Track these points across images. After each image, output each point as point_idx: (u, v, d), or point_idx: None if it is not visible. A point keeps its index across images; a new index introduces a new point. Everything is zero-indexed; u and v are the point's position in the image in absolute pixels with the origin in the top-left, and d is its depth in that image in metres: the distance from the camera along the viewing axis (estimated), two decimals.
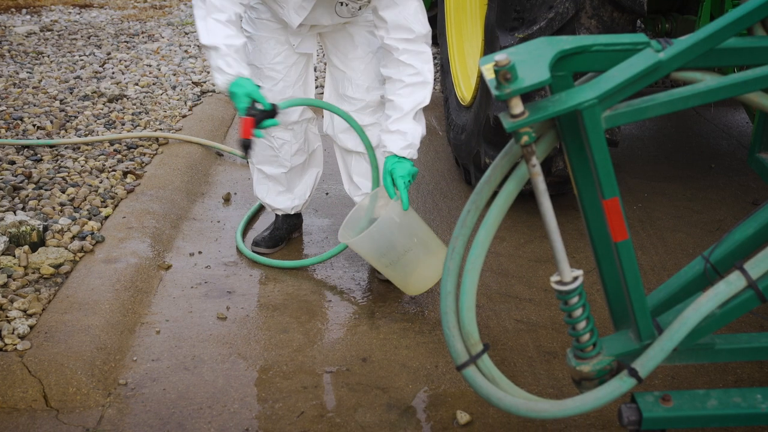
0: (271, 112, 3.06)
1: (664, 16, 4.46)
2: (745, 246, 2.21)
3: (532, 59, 1.97)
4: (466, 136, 4.31)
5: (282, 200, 3.77)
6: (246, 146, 3.06)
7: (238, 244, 3.81)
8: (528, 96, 1.95)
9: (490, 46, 3.90)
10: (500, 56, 1.89)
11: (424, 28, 3.18)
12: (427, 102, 3.25)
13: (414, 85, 3.21)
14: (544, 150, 2.11)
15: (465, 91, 4.63)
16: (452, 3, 5.05)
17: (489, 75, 1.97)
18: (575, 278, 2.05)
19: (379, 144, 3.32)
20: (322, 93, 3.72)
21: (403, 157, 3.18)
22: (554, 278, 2.07)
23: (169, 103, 5.74)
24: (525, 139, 1.96)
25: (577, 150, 2.07)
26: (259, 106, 3.03)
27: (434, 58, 6.81)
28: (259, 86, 3.07)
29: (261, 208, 4.17)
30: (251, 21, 3.45)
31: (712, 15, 3.85)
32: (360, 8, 3.19)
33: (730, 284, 2.01)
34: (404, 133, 3.19)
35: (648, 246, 3.79)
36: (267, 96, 3.17)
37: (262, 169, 3.71)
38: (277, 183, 3.73)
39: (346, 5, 3.17)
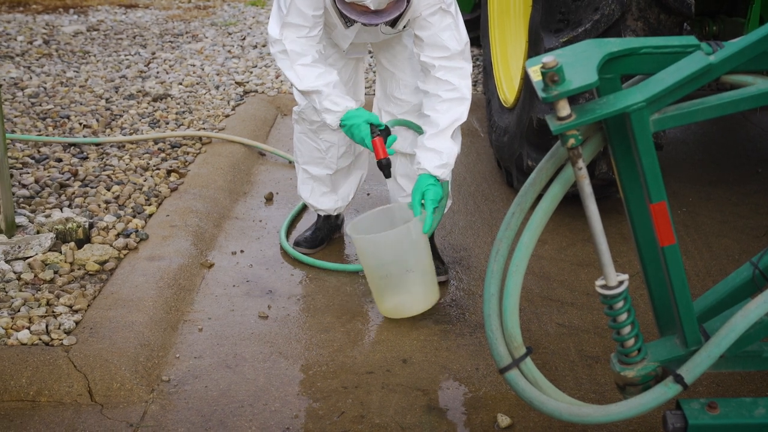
0: (387, 129, 3.18)
1: (712, 18, 4.40)
2: None
3: (580, 61, 1.96)
4: (508, 138, 4.29)
5: (326, 201, 3.78)
6: (387, 166, 3.17)
7: (282, 243, 3.83)
8: (572, 99, 1.93)
9: (534, 47, 3.88)
10: (548, 58, 1.88)
11: (460, 44, 3.16)
12: (464, 119, 3.23)
13: (451, 101, 3.19)
14: (591, 153, 2.09)
15: (508, 92, 4.61)
16: (495, 4, 5.03)
17: (536, 77, 1.96)
18: (621, 282, 2.03)
19: (414, 160, 3.31)
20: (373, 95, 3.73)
21: (436, 177, 3.16)
22: (599, 282, 2.06)
23: (212, 103, 5.79)
24: (572, 141, 1.95)
25: (624, 153, 2.05)
26: (376, 127, 3.13)
27: (477, 59, 6.81)
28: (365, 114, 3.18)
29: (303, 208, 4.18)
30: None
31: (761, 18, 3.79)
32: (404, 27, 3.20)
33: None
34: (440, 152, 3.17)
35: (693, 251, 3.74)
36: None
37: (308, 169, 3.72)
38: (322, 184, 3.74)
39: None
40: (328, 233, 3.89)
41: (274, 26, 3.20)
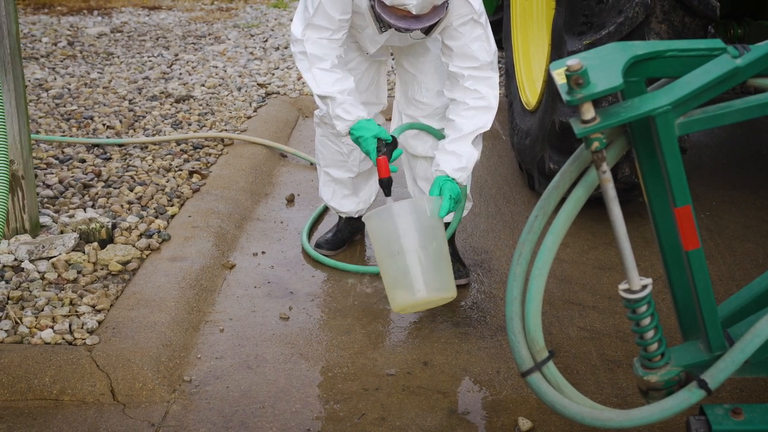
0: (394, 142, 3.15)
1: (737, 21, 4.37)
2: None
3: (605, 64, 1.95)
4: (530, 140, 4.28)
5: (347, 203, 3.78)
6: (388, 185, 3.15)
7: (304, 244, 3.83)
8: (596, 102, 1.92)
9: (557, 50, 3.87)
10: (572, 61, 1.87)
11: (489, 55, 3.15)
12: (488, 127, 3.22)
13: (477, 108, 3.18)
14: (615, 156, 2.08)
15: (530, 95, 4.60)
16: (518, 7, 5.01)
17: (560, 80, 1.95)
18: (644, 287, 2.02)
19: (432, 163, 3.29)
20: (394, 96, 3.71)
21: (454, 180, 3.14)
22: (623, 286, 2.04)
23: (234, 105, 5.81)
24: (596, 144, 1.94)
25: (649, 157, 2.03)
26: (383, 143, 3.12)
27: (499, 62, 6.80)
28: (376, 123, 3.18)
29: (325, 210, 4.18)
30: None
31: None
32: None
33: None
34: (459, 156, 3.16)
35: (716, 255, 3.72)
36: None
37: (329, 172, 3.72)
38: (344, 186, 3.74)
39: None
40: (349, 235, 3.89)
41: (297, 25, 3.19)
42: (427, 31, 3.05)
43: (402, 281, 3.02)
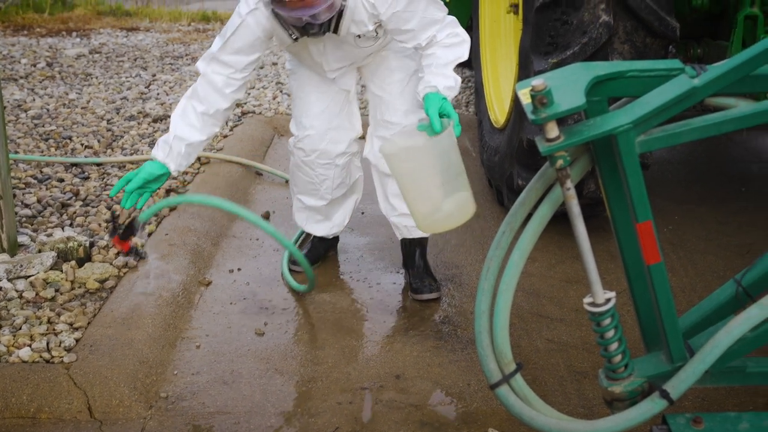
0: (131, 225, 3.08)
1: (697, 42, 4.42)
2: None
3: (568, 84, 1.96)
4: (499, 158, 4.30)
5: (321, 228, 3.77)
6: (136, 254, 3.17)
7: (284, 269, 3.77)
8: (561, 120, 1.93)
9: (524, 70, 3.89)
10: (537, 81, 1.88)
11: (444, 9, 3.16)
12: (465, 57, 3.21)
13: (453, 44, 3.18)
14: (579, 173, 2.09)
15: (498, 113, 4.62)
16: (486, 27, 5.05)
17: (525, 99, 1.96)
18: (608, 300, 2.03)
19: (419, 85, 3.18)
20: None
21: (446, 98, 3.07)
22: (587, 300, 2.05)
23: None
24: (560, 162, 1.95)
25: (611, 174, 2.05)
26: (118, 219, 3.11)
27: (468, 80, 6.82)
28: (162, 177, 3.14)
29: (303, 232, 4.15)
30: (292, 57, 3.50)
31: (744, 41, 3.80)
32: (377, 35, 3.18)
33: (763, 308, 1.97)
34: (448, 77, 3.12)
35: (678, 268, 3.74)
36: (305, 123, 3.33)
37: (302, 199, 3.71)
38: (317, 212, 3.73)
39: (363, 36, 3.16)
40: (323, 251, 3.88)
41: (206, 54, 3.21)
42: (335, 28, 3.04)
43: (449, 202, 2.93)
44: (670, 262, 3.78)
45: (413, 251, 3.65)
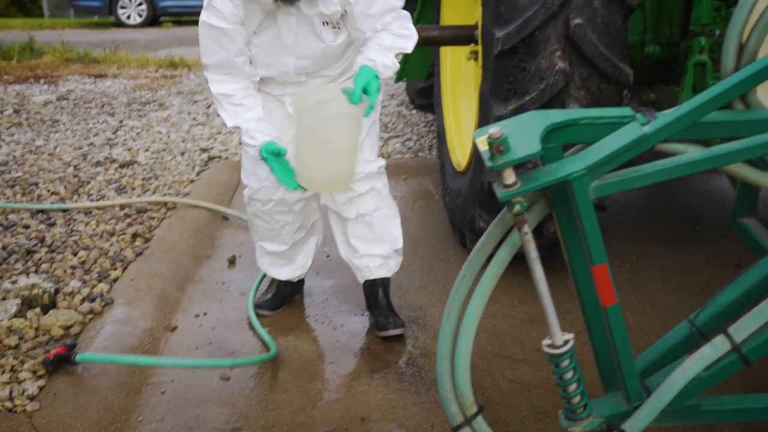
0: (69, 353, 3.06)
1: (650, 87, 4.50)
2: (730, 309, 2.21)
3: (524, 132, 1.99)
4: (461, 200, 4.32)
5: (285, 272, 3.77)
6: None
7: (250, 311, 3.75)
8: (519, 165, 1.96)
9: (484, 115, 3.93)
10: (494, 129, 1.91)
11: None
12: (409, 50, 3.29)
13: (401, 35, 3.24)
14: (536, 218, 2.11)
15: (460, 157, 4.66)
16: (448, 73, 5.11)
17: (483, 147, 1.98)
18: (566, 342, 2.04)
19: (358, 57, 3.27)
20: None
21: (378, 74, 3.16)
22: (546, 341, 2.07)
23: (177, 169, 5.78)
24: (517, 208, 1.97)
25: (567, 218, 2.07)
26: (60, 350, 3.06)
27: (431, 125, 6.88)
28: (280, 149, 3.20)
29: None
30: None
31: (694, 87, 3.88)
32: (339, 28, 3.21)
33: (715, 348, 2.00)
34: (389, 56, 3.20)
35: (636, 307, 3.77)
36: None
37: (264, 245, 3.71)
38: (279, 257, 3.73)
39: (328, 24, 3.19)
40: (289, 295, 3.87)
41: (204, 69, 3.28)
42: None
43: (321, 170, 3.22)
44: (628, 301, 3.81)
45: (376, 291, 3.65)
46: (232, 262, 4.38)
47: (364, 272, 3.61)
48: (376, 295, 3.66)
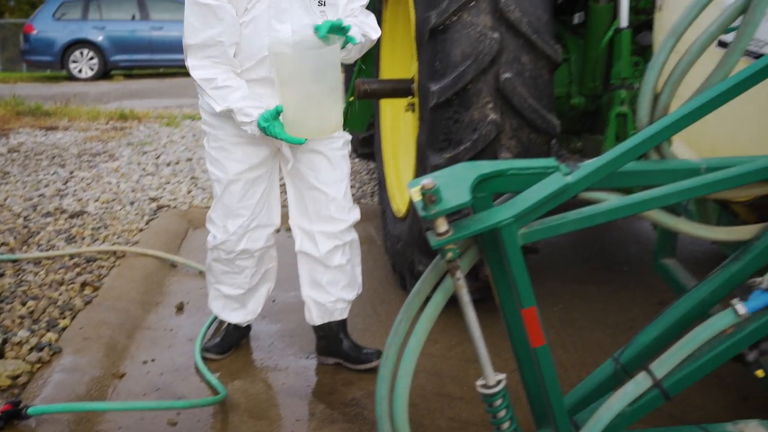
0: (16, 409, 2.96)
1: (577, 136, 4.60)
2: (651, 347, 2.25)
3: (456, 182, 2.03)
4: (401, 245, 4.35)
5: (236, 315, 3.74)
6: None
7: (197, 359, 3.69)
8: (452, 214, 1.98)
9: (421, 164, 3.98)
10: (426, 180, 1.94)
11: None
12: (373, 38, 3.35)
13: (369, 31, 3.30)
14: (468, 264, 2.14)
15: (400, 203, 4.69)
16: (388, 124, 5.16)
17: (417, 197, 2.01)
18: (498, 382, 2.06)
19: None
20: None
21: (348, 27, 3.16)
22: (480, 382, 2.08)
23: (127, 218, 5.71)
24: (450, 255, 2.00)
25: (498, 263, 2.10)
26: (6, 407, 2.95)
27: (373, 173, 6.92)
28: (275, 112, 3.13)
29: (215, 319, 4.10)
30: (211, 119, 3.40)
31: (617, 136, 3.98)
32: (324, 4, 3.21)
33: (638, 384, 2.03)
34: (358, 29, 3.22)
35: (568, 345, 3.81)
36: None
37: (220, 288, 3.67)
38: (233, 301, 3.70)
39: (322, 3, 3.20)
40: (236, 340, 3.83)
41: (185, 54, 3.21)
42: None
43: (315, 116, 3.11)
44: (560, 339, 3.85)
45: (338, 331, 3.65)
46: (180, 308, 4.32)
47: (333, 314, 3.60)
48: (338, 334, 3.66)
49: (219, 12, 3.08)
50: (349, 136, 3.54)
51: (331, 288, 3.56)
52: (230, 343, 3.80)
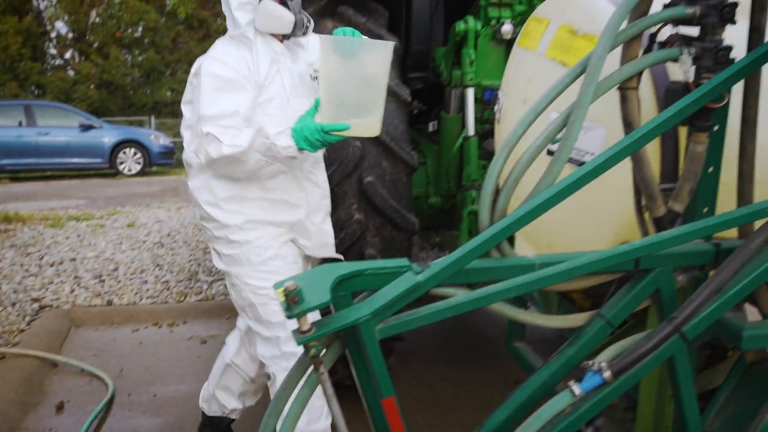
0: None
1: (435, 232, 4.72)
2: (504, 427, 2.28)
3: (316, 283, 2.03)
4: None
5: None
6: None
7: None
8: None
9: None
10: (289, 283, 1.93)
11: None
12: None
13: None
14: (332, 358, 2.12)
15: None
16: None
17: (281, 298, 2.00)
18: None
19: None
20: None
21: None
22: None
23: (8, 319, 5.40)
24: (313, 351, 1.98)
25: (359, 357, 2.10)
26: None
27: None
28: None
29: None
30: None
31: (470, 231, 4.11)
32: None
33: None
34: None
35: (434, 426, 3.82)
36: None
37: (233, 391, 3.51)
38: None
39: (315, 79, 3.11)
40: None
41: (202, 112, 2.89)
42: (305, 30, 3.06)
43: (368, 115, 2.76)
44: (427, 420, 3.86)
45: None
46: (60, 407, 4.08)
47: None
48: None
49: (235, 85, 2.90)
50: None
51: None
52: None
